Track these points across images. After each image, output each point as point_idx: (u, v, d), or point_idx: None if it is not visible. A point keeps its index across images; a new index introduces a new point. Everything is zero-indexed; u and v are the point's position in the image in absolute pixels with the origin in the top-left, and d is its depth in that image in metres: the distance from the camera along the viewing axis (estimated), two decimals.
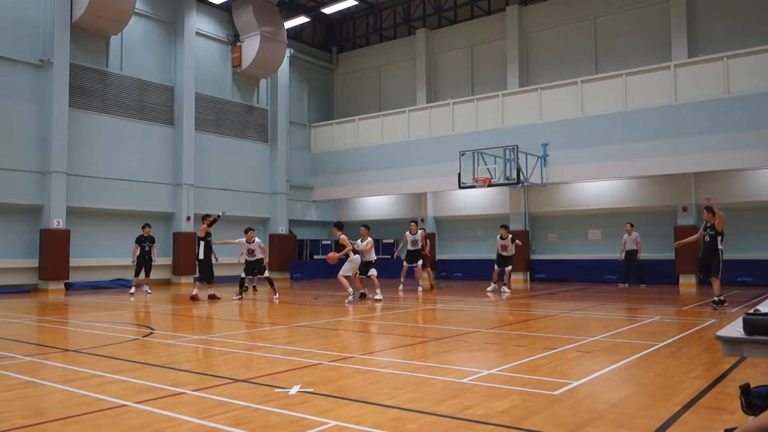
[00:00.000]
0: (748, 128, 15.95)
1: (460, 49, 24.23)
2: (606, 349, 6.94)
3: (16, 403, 4.60)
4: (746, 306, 11.54)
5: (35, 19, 17.81)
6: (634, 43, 20.19)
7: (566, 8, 21.66)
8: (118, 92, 19.62)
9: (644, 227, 18.33)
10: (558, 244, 21.15)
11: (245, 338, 8.16)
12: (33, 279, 17.45)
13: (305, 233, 25.99)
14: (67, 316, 11.49)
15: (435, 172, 21.40)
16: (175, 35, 21.33)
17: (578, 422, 3.99)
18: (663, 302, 13.02)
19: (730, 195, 18.15)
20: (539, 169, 19.03)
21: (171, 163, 20.92)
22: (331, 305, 13.01)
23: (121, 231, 19.49)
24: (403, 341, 7.85)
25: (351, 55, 27.60)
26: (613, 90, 18.39)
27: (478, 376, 5.41)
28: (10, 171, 16.95)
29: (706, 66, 17.02)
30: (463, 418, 4.08)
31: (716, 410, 4.28)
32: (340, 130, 25.31)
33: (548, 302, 13.24)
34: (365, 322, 10.19)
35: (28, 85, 17.54)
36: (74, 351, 7.11)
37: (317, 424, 3.93)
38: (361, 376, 5.56)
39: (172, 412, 4.27)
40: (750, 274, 17.47)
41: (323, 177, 25.45)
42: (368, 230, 14.54)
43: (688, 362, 6.04)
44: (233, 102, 23.24)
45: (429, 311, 11.85)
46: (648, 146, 17.41)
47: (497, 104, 20.77)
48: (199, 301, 13.33)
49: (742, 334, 3.03)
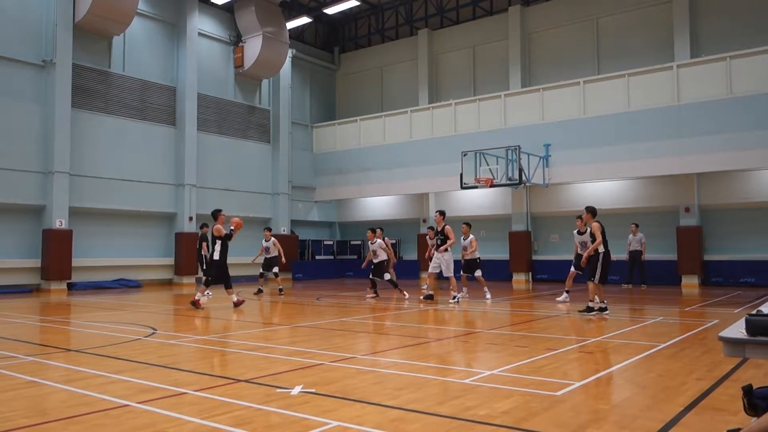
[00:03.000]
0: (751, 129, 15.92)
1: (462, 50, 24.22)
2: (608, 350, 6.94)
3: (18, 402, 4.61)
4: (749, 307, 11.53)
5: (38, 19, 17.85)
6: (637, 43, 20.17)
7: (568, 8, 21.65)
8: (121, 92, 19.65)
9: (646, 228, 18.30)
10: (560, 245, 21.12)
11: (247, 338, 8.16)
12: (35, 279, 17.48)
13: (307, 233, 26.01)
14: (69, 316, 11.51)
15: (437, 172, 21.40)
16: (177, 36, 21.36)
17: (580, 423, 3.98)
18: (665, 303, 13.00)
19: (733, 195, 18.14)
20: (541, 169, 19.02)
21: (173, 164, 20.95)
22: (333, 306, 13.01)
23: (123, 231, 19.55)
24: (405, 342, 7.84)
25: (353, 56, 27.61)
26: (615, 90, 18.38)
27: (479, 377, 5.41)
28: (12, 171, 16.99)
29: (709, 66, 16.99)
30: (464, 419, 4.08)
31: (719, 411, 4.27)
32: (342, 131, 25.32)
33: (550, 303, 13.22)
34: (367, 322, 10.19)
35: (31, 85, 17.57)
36: (76, 351, 7.12)
37: (319, 425, 3.93)
38: (362, 376, 5.55)
39: (174, 412, 4.27)
40: (752, 275, 17.44)
41: (325, 177, 25.46)
42: (470, 227, 14.12)
43: (691, 363, 6.03)
44: (235, 102, 23.26)
45: (430, 312, 11.84)
46: (650, 147, 17.39)
47: (499, 104, 20.76)
48: (199, 308, 11.82)
49: (744, 335, 3.03)
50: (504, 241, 21.93)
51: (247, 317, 10.97)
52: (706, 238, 18.54)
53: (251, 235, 23.51)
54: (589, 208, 11.00)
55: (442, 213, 13.47)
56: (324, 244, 26.13)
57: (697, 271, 18.13)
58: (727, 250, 18.27)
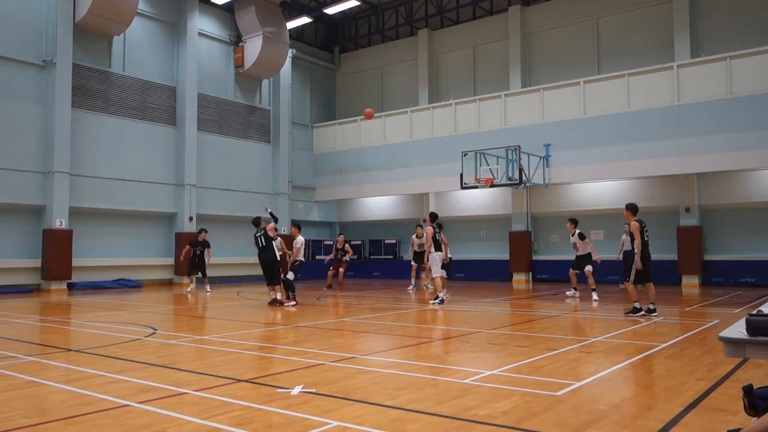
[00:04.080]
0: (751, 129, 15.91)
1: (462, 50, 24.22)
2: (608, 350, 6.93)
3: (18, 402, 4.61)
4: (749, 307, 11.53)
5: (38, 19, 17.85)
6: (637, 43, 20.17)
7: (569, 8, 21.64)
8: (121, 92, 19.65)
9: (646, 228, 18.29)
10: (560, 245, 21.11)
11: (247, 338, 8.16)
12: (36, 279, 17.48)
13: (307, 233, 25.95)
14: (69, 316, 11.51)
15: (437, 172, 21.40)
16: (177, 36, 21.36)
17: (580, 423, 3.98)
18: (665, 303, 12.99)
19: (733, 195, 18.14)
20: (541, 169, 19.02)
21: (173, 164, 20.94)
22: (333, 306, 13.01)
23: (123, 231, 19.55)
24: (405, 342, 7.84)
25: (353, 56, 27.61)
26: (615, 90, 18.37)
27: (480, 377, 5.41)
28: (13, 171, 16.98)
29: (709, 66, 16.99)
30: (465, 419, 4.08)
31: (719, 411, 4.27)
32: (342, 131, 25.32)
33: (550, 303, 13.22)
34: (367, 322, 10.19)
35: (31, 85, 17.57)
36: (77, 351, 7.12)
37: (319, 425, 3.93)
38: (362, 376, 5.55)
39: (174, 412, 4.27)
40: (753, 275, 17.44)
41: (325, 177, 25.46)
42: (575, 224, 14.30)
43: (691, 363, 6.03)
44: (235, 102, 23.26)
45: (431, 312, 11.84)
46: (650, 147, 17.39)
47: (499, 105, 20.76)
48: (287, 304, 12.06)
49: (744, 335, 3.03)
50: (504, 241, 21.93)
51: (247, 317, 10.96)
52: (706, 238, 18.54)
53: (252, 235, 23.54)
54: (630, 205, 10.41)
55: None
56: (324, 244, 26.12)
57: (698, 271, 18.13)
58: (727, 250, 18.27)
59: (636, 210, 10.33)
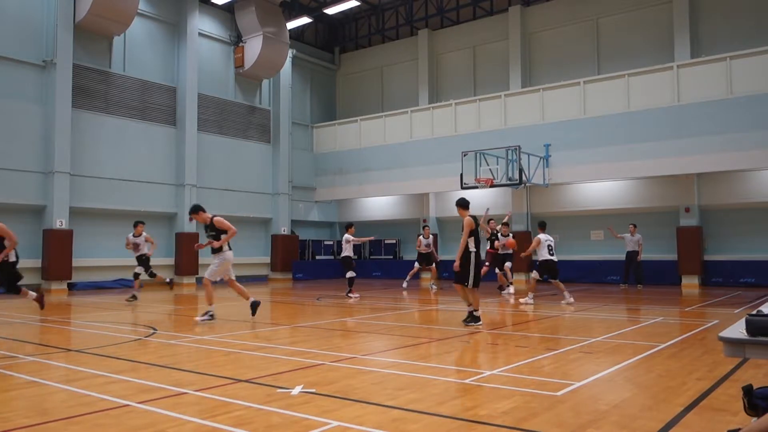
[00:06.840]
0: (751, 129, 15.92)
1: (462, 50, 24.23)
2: (608, 350, 6.94)
3: (19, 402, 4.62)
4: (749, 307, 11.53)
5: (38, 19, 17.85)
6: (637, 43, 20.17)
7: (569, 9, 21.65)
8: (121, 93, 19.65)
9: (646, 228, 18.32)
10: (560, 245, 21.04)
11: (247, 338, 8.17)
12: (36, 279, 17.46)
13: (308, 234, 26.01)
14: (69, 316, 11.52)
15: (437, 172, 21.40)
16: (177, 36, 21.36)
17: (580, 423, 3.99)
18: (665, 303, 12.99)
19: (733, 196, 18.14)
20: (541, 169, 19.02)
21: (173, 164, 20.94)
22: (334, 306, 13.02)
23: (123, 231, 19.36)
24: (405, 342, 7.85)
25: (353, 56, 27.61)
26: (615, 90, 18.38)
27: (480, 377, 5.41)
28: (13, 171, 16.98)
29: (709, 67, 16.99)
30: (465, 419, 4.08)
31: (719, 411, 4.27)
32: (342, 131, 25.32)
33: (550, 303, 13.22)
34: (367, 322, 10.19)
35: (31, 85, 17.57)
36: (77, 351, 7.12)
37: (319, 425, 3.94)
38: (363, 376, 5.56)
39: (174, 412, 4.28)
40: (753, 275, 17.44)
41: (325, 177, 25.46)
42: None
43: (691, 363, 6.03)
44: (236, 102, 23.26)
45: (431, 312, 11.84)
46: (650, 147, 17.39)
47: (499, 105, 20.76)
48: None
49: (744, 336, 3.03)
50: None
51: (246, 317, 10.96)
52: (706, 239, 18.54)
53: (252, 235, 23.56)
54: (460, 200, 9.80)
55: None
56: (324, 245, 26.14)
57: (698, 271, 18.12)
58: (727, 250, 18.27)
59: (467, 205, 9.68)
